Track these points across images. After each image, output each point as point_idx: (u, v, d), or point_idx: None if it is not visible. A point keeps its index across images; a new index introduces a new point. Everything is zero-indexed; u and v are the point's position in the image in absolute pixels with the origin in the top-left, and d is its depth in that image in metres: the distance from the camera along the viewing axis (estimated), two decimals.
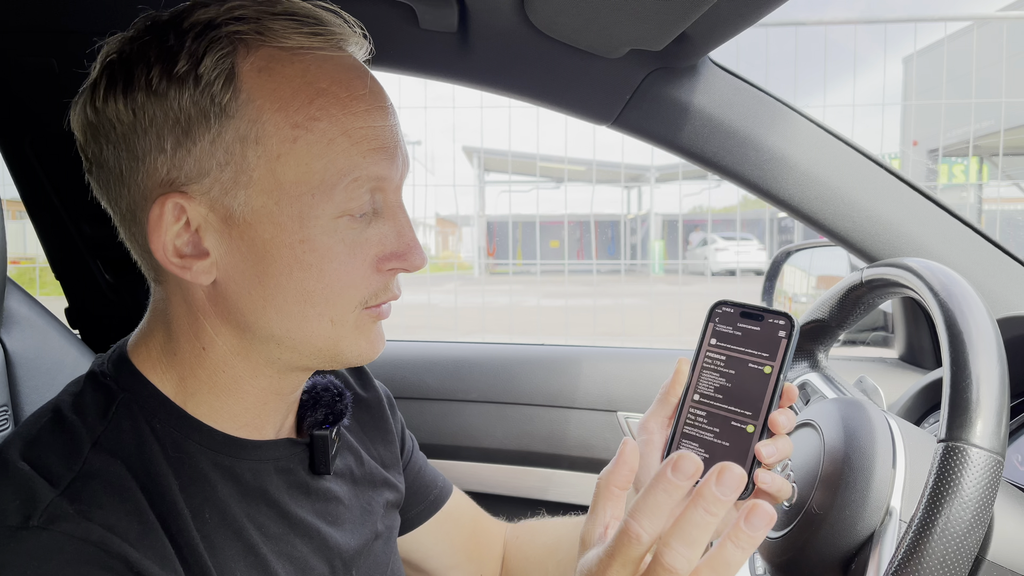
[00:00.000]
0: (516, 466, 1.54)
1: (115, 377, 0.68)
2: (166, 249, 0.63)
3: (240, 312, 0.66)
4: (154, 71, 0.61)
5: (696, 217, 10.04)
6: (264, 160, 0.62)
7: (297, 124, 0.62)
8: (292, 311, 0.65)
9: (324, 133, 0.63)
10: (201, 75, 0.61)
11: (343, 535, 0.76)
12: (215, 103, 0.61)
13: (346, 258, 0.65)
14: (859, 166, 1.16)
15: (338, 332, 0.67)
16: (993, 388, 0.62)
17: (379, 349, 0.71)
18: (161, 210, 0.62)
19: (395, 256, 0.68)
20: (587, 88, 1.16)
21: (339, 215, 0.64)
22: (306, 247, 0.64)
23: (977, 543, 0.60)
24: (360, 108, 0.65)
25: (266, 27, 0.63)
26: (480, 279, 7.70)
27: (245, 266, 0.64)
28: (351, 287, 0.66)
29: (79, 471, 0.59)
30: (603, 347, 1.68)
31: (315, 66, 0.64)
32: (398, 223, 0.69)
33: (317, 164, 0.63)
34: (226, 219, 0.63)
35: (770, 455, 0.68)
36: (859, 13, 17.04)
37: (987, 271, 1.14)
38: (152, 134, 0.62)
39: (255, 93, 0.62)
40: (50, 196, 1.38)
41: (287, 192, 0.63)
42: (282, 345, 0.67)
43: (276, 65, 0.63)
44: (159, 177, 0.62)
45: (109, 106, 0.62)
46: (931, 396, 1.04)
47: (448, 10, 1.05)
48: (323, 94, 0.63)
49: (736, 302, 0.75)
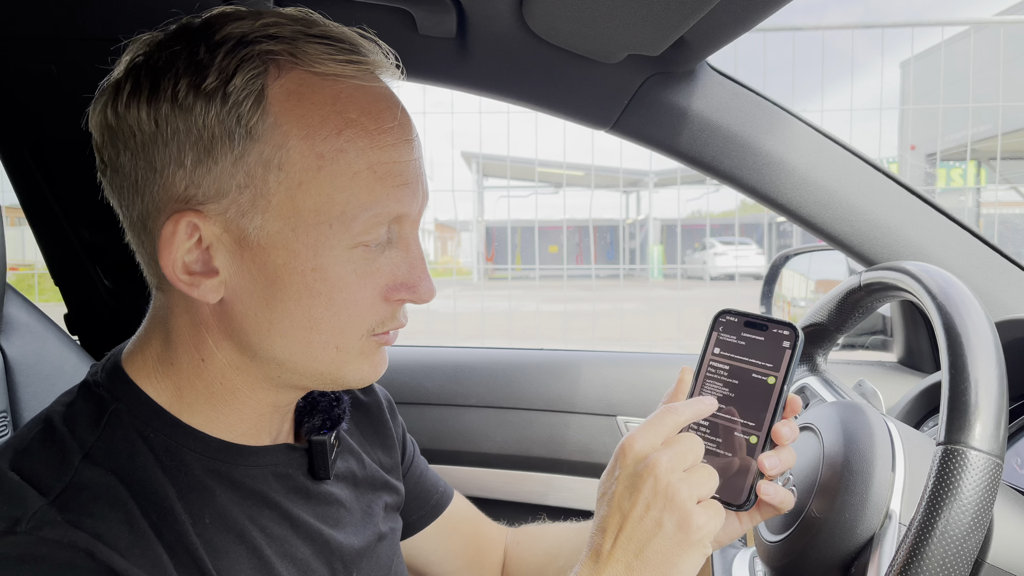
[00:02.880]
0: (516, 471, 1.54)
1: (108, 387, 0.67)
2: (175, 266, 0.62)
3: (244, 333, 0.65)
4: (181, 83, 0.60)
5: (695, 222, 10.05)
6: (285, 186, 0.61)
7: (322, 154, 0.61)
8: (298, 336, 0.65)
9: (349, 165, 0.62)
10: (230, 93, 0.59)
11: (345, 537, 0.76)
12: (241, 124, 0.60)
13: (356, 287, 0.64)
14: (857, 170, 1.16)
15: (343, 358, 0.67)
16: (992, 391, 0.62)
17: (380, 372, 0.71)
18: (175, 227, 0.61)
19: (405, 287, 0.67)
20: (585, 93, 1.16)
21: (354, 246, 0.64)
22: (318, 275, 0.63)
23: (977, 546, 0.60)
24: (387, 142, 0.64)
25: (300, 49, 0.61)
26: (479, 284, 7.70)
27: (254, 288, 0.63)
28: (359, 316, 0.65)
29: (69, 482, 0.59)
30: (602, 351, 1.68)
31: (346, 95, 0.63)
32: (411, 255, 0.68)
33: (340, 196, 0.62)
34: (240, 240, 0.62)
35: (773, 467, 0.68)
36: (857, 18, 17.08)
37: (985, 274, 1.14)
38: (173, 147, 0.60)
39: (283, 118, 0.61)
40: (49, 202, 1.38)
41: (305, 220, 0.62)
42: (283, 367, 0.67)
43: (306, 90, 0.61)
44: (175, 192, 0.62)
45: (131, 112, 0.61)
46: (930, 400, 1.04)
47: (447, 16, 1.06)
48: (352, 125, 0.62)
49: (740, 311, 0.75)
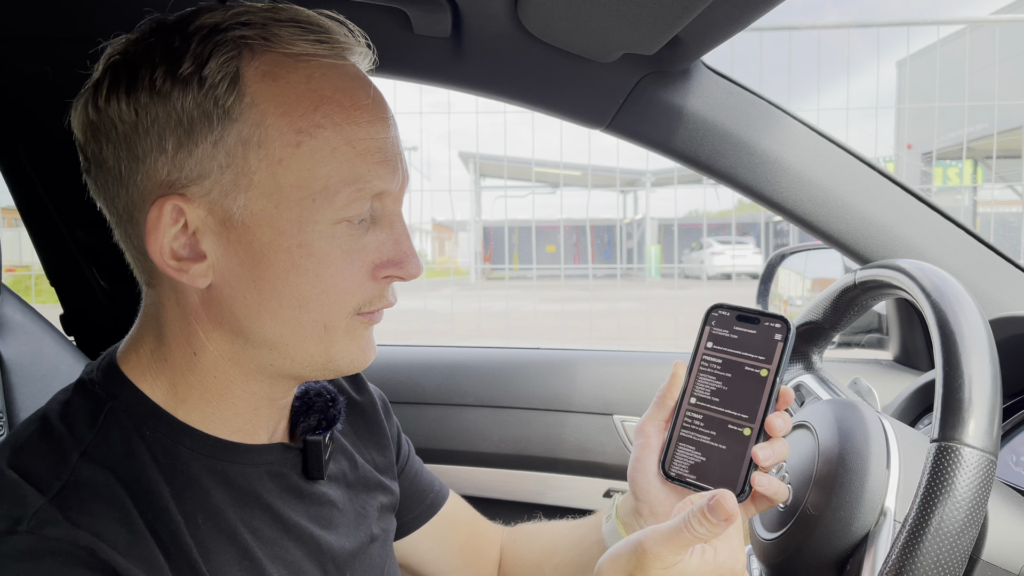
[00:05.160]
0: (513, 470, 1.54)
1: (104, 385, 0.68)
2: (163, 251, 0.63)
3: (234, 316, 0.66)
4: (158, 72, 0.61)
5: (692, 221, 10.06)
6: (266, 163, 0.62)
7: (301, 130, 0.63)
8: (287, 316, 0.65)
9: (328, 141, 0.63)
10: (205, 77, 0.61)
11: (337, 538, 0.76)
12: (218, 105, 0.61)
13: (342, 264, 0.65)
14: (852, 169, 1.17)
15: (330, 337, 0.67)
16: (985, 388, 0.63)
17: (370, 357, 0.72)
18: (160, 212, 0.62)
19: (391, 264, 0.68)
20: (581, 92, 1.17)
21: (337, 221, 0.65)
22: (303, 251, 0.64)
23: (971, 543, 0.60)
24: (363, 118, 0.65)
25: (272, 33, 0.63)
26: (476, 284, 7.70)
27: (241, 270, 0.64)
28: (346, 293, 0.66)
29: (67, 480, 0.59)
30: (599, 351, 1.68)
31: (319, 73, 0.64)
32: (396, 231, 0.69)
33: (320, 170, 0.63)
34: (225, 222, 0.63)
35: (767, 458, 0.69)
36: (853, 17, 17.11)
37: (979, 272, 1.14)
38: (154, 134, 0.62)
39: (259, 97, 0.62)
40: (45, 203, 1.38)
41: (287, 196, 0.63)
42: (275, 351, 0.67)
43: (281, 70, 0.63)
44: (159, 178, 0.63)
45: (111, 106, 0.63)
46: (926, 397, 1.05)
47: (442, 15, 1.06)
48: (327, 102, 0.64)
49: (732, 305, 0.76)
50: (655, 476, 0.76)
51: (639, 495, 0.78)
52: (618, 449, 1.47)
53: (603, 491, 1.50)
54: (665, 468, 0.75)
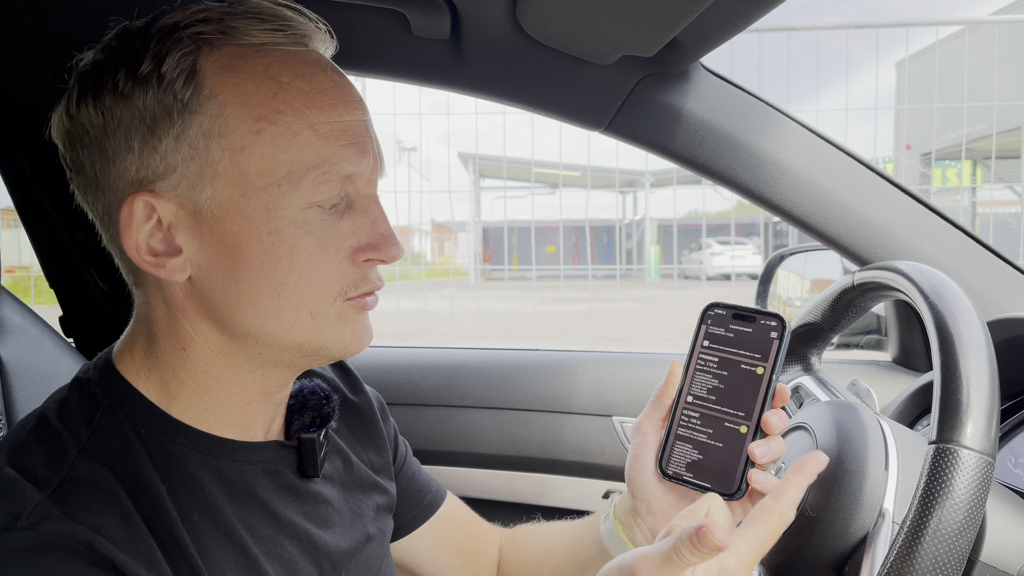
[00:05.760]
0: (512, 471, 1.54)
1: (100, 383, 0.68)
2: (139, 247, 0.64)
3: (217, 309, 0.66)
4: (120, 74, 0.63)
5: (691, 222, 10.06)
6: (228, 153, 0.63)
7: (260, 117, 0.63)
8: (266, 305, 0.65)
9: (289, 126, 0.64)
10: (164, 74, 0.62)
11: (332, 537, 0.76)
12: (177, 100, 0.62)
13: (317, 250, 0.66)
14: (850, 170, 1.17)
15: (320, 325, 0.67)
16: (983, 390, 0.63)
17: (365, 342, 0.71)
18: (131, 209, 0.63)
19: (370, 247, 0.68)
20: (579, 94, 1.17)
21: (307, 206, 0.65)
22: (274, 239, 0.64)
23: (969, 544, 0.60)
24: (324, 102, 0.66)
25: (228, 26, 0.64)
26: (476, 285, 7.70)
27: (217, 261, 0.65)
28: (324, 279, 0.66)
29: (65, 476, 0.60)
30: (598, 352, 1.68)
31: (278, 61, 0.65)
32: (372, 214, 0.69)
33: (283, 156, 0.64)
34: (195, 214, 0.64)
35: (763, 455, 0.69)
36: (852, 18, 17.11)
37: (978, 273, 1.14)
38: (120, 134, 0.63)
39: (217, 88, 0.63)
40: (44, 205, 1.38)
41: (252, 184, 0.64)
42: (260, 341, 0.67)
43: (239, 62, 0.64)
44: (129, 177, 0.64)
45: (82, 112, 0.64)
46: (924, 399, 1.05)
47: (440, 18, 1.06)
48: (286, 88, 0.64)
49: (728, 304, 0.76)
50: (652, 475, 0.76)
51: (637, 494, 0.78)
52: (617, 451, 1.47)
53: (602, 493, 1.50)
54: (662, 467, 0.75)
